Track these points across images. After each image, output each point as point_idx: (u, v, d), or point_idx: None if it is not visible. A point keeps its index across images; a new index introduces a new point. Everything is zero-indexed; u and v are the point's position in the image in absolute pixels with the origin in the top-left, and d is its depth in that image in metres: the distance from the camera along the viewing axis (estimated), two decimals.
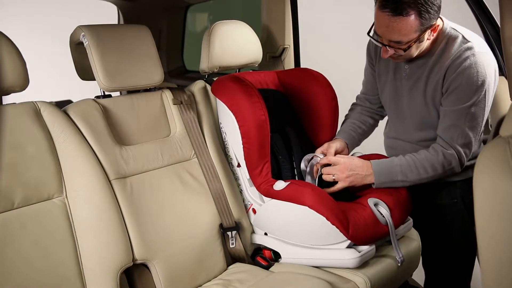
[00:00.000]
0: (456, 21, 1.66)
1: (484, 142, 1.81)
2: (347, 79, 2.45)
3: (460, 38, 1.52)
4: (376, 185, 1.59)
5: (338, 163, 1.61)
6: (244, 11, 3.50)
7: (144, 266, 1.46)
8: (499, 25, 0.89)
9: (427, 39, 1.50)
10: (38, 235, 1.29)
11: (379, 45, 1.54)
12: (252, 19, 2.33)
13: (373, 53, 1.76)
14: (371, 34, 1.54)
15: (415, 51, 1.52)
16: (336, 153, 1.71)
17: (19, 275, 1.23)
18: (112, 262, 1.36)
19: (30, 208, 1.30)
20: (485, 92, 1.49)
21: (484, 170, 0.82)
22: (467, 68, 1.47)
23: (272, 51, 2.33)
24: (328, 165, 1.65)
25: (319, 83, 1.83)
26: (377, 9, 1.45)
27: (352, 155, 1.83)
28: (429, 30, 1.47)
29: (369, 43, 1.74)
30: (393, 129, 1.78)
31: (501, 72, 1.90)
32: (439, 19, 1.54)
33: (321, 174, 1.65)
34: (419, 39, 1.47)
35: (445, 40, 1.54)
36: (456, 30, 1.55)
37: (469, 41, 1.51)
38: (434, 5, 1.42)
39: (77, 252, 1.35)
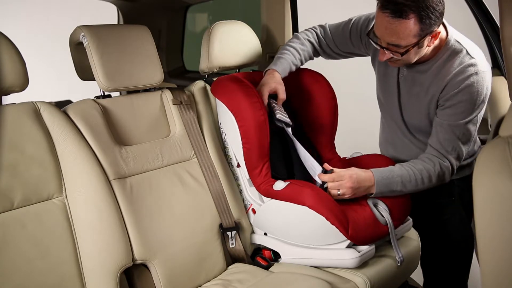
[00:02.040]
0: (456, 21, 1.66)
1: (484, 142, 1.81)
2: (347, 79, 2.45)
3: (463, 53, 1.50)
4: (374, 195, 1.56)
5: (343, 179, 1.53)
6: (244, 11, 3.50)
7: (144, 266, 1.46)
8: (499, 25, 0.89)
9: (427, 45, 1.47)
10: (38, 235, 1.29)
11: (377, 47, 1.51)
12: (252, 19, 2.33)
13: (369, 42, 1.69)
14: (370, 35, 1.52)
15: (413, 57, 1.49)
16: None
17: (19, 275, 1.23)
18: (112, 262, 1.36)
19: (29, 208, 1.30)
20: (481, 109, 1.50)
21: (483, 170, 0.82)
22: (469, 86, 1.47)
23: (272, 51, 2.33)
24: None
25: (319, 83, 1.83)
26: (378, 10, 1.43)
27: (351, 155, 1.83)
28: (429, 37, 1.44)
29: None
30: (385, 126, 1.81)
31: (501, 72, 1.90)
32: (443, 28, 1.52)
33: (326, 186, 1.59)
34: (418, 44, 1.44)
35: (448, 52, 1.52)
36: (460, 44, 1.52)
37: (473, 57, 1.49)
38: (436, 11, 1.39)
39: (76, 252, 1.35)
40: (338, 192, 1.54)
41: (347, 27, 1.76)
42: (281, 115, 1.68)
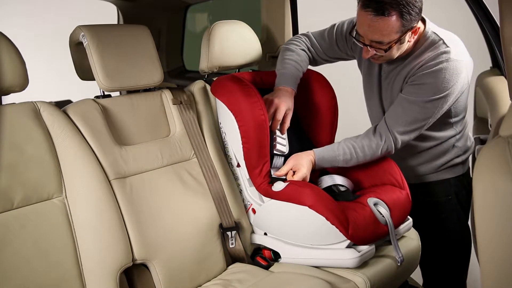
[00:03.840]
0: (456, 21, 1.66)
1: (484, 142, 1.81)
2: (347, 79, 2.45)
3: (440, 43, 1.55)
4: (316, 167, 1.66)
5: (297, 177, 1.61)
6: (244, 11, 3.50)
7: (144, 266, 1.46)
8: (499, 25, 0.90)
9: (408, 41, 1.52)
10: (38, 235, 1.29)
11: (361, 45, 1.56)
12: (252, 19, 2.33)
13: (352, 43, 1.75)
14: (353, 34, 1.58)
15: (395, 53, 1.54)
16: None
17: (18, 276, 1.23)
18: (111, 262, 1.36)
19: (29, 208, 1.30)
20: (445, 97, 1.52)
21: (483, 170, 0.82)
22: (437, 71, 1.50)
23: (271, 51, 2.33)
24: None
25: (319, 83, 1.83)
26: (360, 9, 1.48)
27: None
28: (410, 32, 1.49)
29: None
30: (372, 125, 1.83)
31: (501, 72, 1.90)
32: (421, 22, 1.56)
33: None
34: (399, 40, 1.49)
35: (425, 44, 1.57)
36: (437, 34, 1.57)
37: (448, 46, 1.53)
38: (416, 7, 1.44)
39: (76, 252, 1.35)
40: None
41: (331, 33, 1.80)
42: (280, 145, 1.70)
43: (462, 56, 1.54)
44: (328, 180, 1.67)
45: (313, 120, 1.84)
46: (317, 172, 1.73)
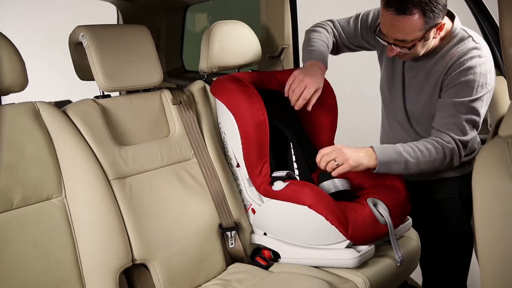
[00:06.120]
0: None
1: (483, 142, 1.81)
2: (347, 79, 2.45)
3: (469, 39, 1.54)
4: (376, 171, 1.51)
5: (333, 149, 1.52)
6: (243, 11, 3.50)
7: (144, 266, 1.46)
8: (498, 25, 0.90)
9: (433, 37, 1.51)
10: (37, 236, 1.29)
11: (385, 43, 1.54)
12: (251, 19, 2.33)
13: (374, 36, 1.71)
14: (377, 32, 1.55)
15: (421, 50, 1.53)
16: None
17: (18, 276, 1.23)
18: (111, 262, 1.36)
19: (29, 208, 1.30)
20: (486, 92, 1.50)
21: (483, 170, 0.82)
22: (472, 67, 1.49)
23: (271, 51, 2.33)
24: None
25: None
26: (382, 8, 1.46)
27: None
28: (435, 29, 1.48)
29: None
30: (386, 121, 1.80)
31: (501, 72, 1.90)
32: (449, 18, 1.55)
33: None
34: (424, 38, 1.48)
35: (454, 40, 1.55)
36: (466, 31, 1.56)
37: (478, 43, 1.53)
38: (439, 3, 1.43)
39: (76, 253, 1.35)
40: (336, 163, 1.49)
41: (356, 22, 1.77)
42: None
43: (490, 54, 1.54)
44: (331, 186, 1.66)
45: (313, 120, 1.84)
46: (318, 172, 1.72)
